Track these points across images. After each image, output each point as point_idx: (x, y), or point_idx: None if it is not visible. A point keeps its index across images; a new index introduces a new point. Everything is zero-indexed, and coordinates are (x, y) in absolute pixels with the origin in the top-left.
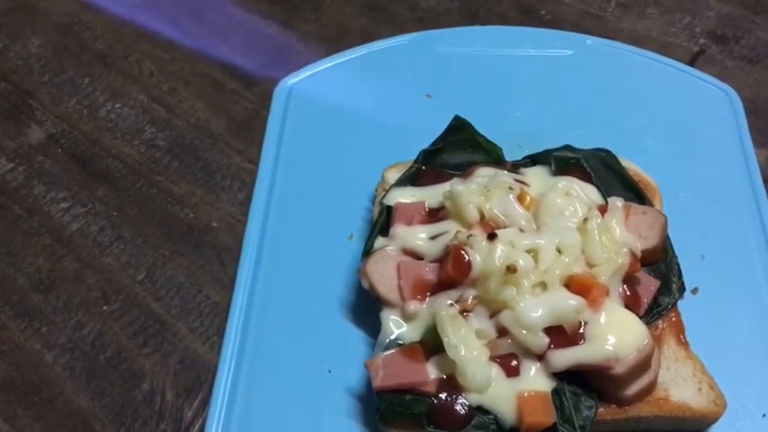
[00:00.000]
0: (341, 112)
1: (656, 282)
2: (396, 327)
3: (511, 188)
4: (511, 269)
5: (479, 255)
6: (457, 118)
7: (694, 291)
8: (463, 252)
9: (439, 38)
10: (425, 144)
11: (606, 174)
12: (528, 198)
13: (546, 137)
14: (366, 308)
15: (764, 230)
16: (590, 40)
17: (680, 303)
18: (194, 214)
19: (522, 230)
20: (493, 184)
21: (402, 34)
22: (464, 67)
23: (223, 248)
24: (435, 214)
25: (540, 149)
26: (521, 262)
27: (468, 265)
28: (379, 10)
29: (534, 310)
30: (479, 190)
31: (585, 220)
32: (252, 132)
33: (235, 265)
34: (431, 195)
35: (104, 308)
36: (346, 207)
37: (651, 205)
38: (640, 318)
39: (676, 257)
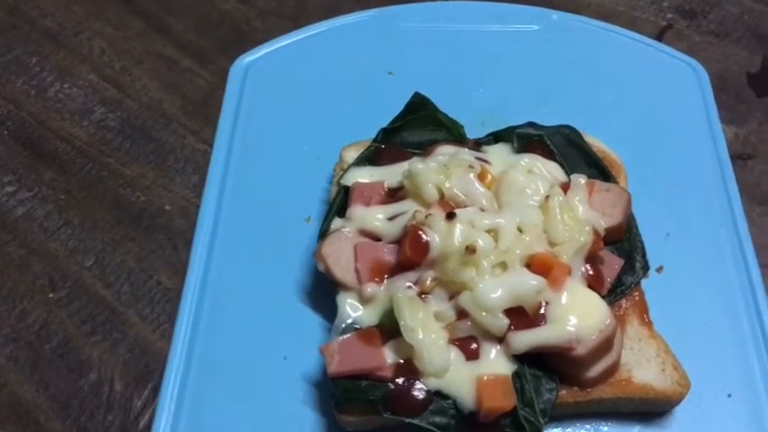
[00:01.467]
0: (299, 91)
1: (620, 260)
2: (352, 310)
3: (471, 166)
4: (470, 249)
5: (438, 235)
6: (417, 95)
7: (659, 269)
8: (421, 233)
9: (402, 14)
10: (386, 122)
11: (570, 151)
12: (489, 176)
13: (509, 114)
14: (323, 292)
15: (731, 208)
16: (555, 15)
17: (644, 282)
18: (146, 197)
19: (482, 210)
20: (453, 163)
21: (364, 9)
22: (427, 44)
23: (176, 232)
24: (394, 194)
25: (502, 126)
26: (480, 242)
27: (427, 246)
28: None
29: (494, 291)
30: (439, 169)
31: (547, 197)
32: (207, 112)
33: (188, 250)
34: (390, 175)
35: (51, 295)
36: (304, 188)
37: (615, 183)
38: (603, 297)
39: (640, 236)
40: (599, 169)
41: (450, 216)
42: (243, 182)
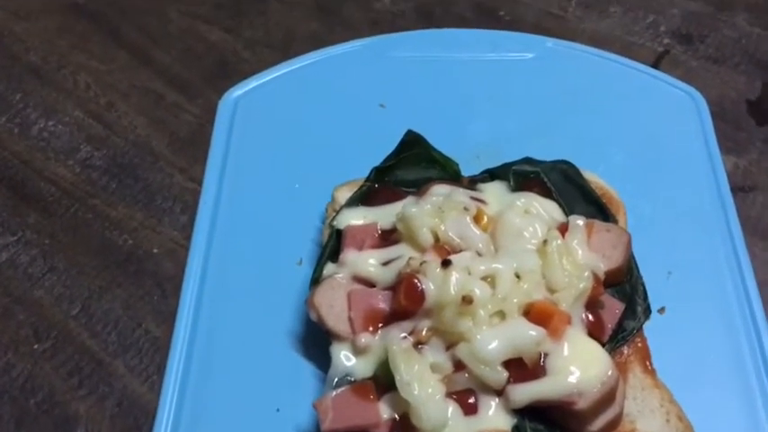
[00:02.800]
0: (290, 126)
1: (621, 305)
2: (346, 361)
3: (466, 208)
4: (467, 300)
5: (433, 283)
6: (410, 133)
7: (661, 310)
8: (416, 281)
9: (393, 42)
10: (378, 159)
11: (568, 188)
12: (485, 218)
13: (505, 147)
14: (317, 340)
15: (733, 244)
16: (550, 43)
17: (646, 325)
18: (133, 240)
19: (479, 254)
20: (447, 205)
21: (355, 39)
22: (420, 74)
23: (164, 277)
24: (388, 237)
25: (498, 161)
26: (477, 291)
27: (422, 295)
28: (331, 13)
29: (492, 342)
30: (433, 211)
31: (545, 242)
32: (195, 149)
33: (177, 295)
34: (383, 216)
35: (35, 346)
36: (295, 229)
37: (615, 221)
38: (604, 345)
39: (641, 277)
40: (598, 207)
41: (446, 264)
42: (233, 222)
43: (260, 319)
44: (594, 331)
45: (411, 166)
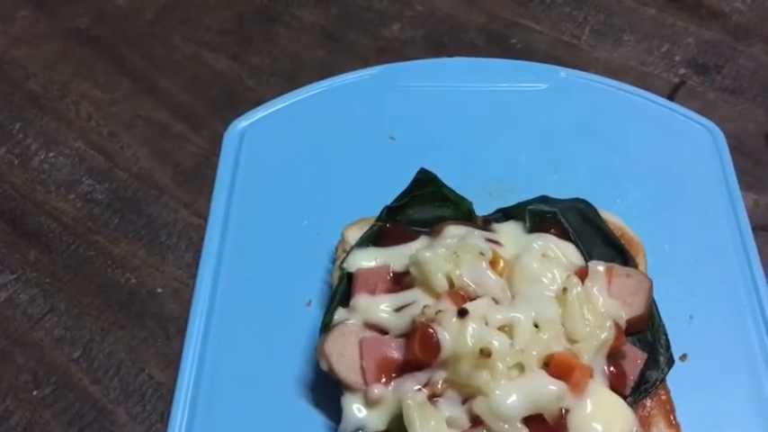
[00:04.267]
0: (297, 159)
1: (643, 354)
2: (358, 413)
3: (482, 253)
4: (485, 353)
5: (449, 334)
6: (422, 171)
7: (683, 357)
8: (431, 331)
9: (403, 72)
10: (388, 195)
11: (585, 229)
12: (501, 262)
13: (518, 183)
14: (327, 388)
15: (755, 286)
16: (564, 73)
17: (668, 374)
18: (136, 279)
19: (495, 300)
20: (462, 249)
21: (363, 67)
22: (430, 104)
23: (169, 318)
24: (401, 280)
25: (512, 198)
26: (495, 343)
27: (437, 346)
28: (338, 40)
29: (511, 397)
30: (448, 256)
31: (564, 290)
32: (200, 182)
33: (181, 338)
34: (396, 257)
35: (35, 393)
36: (304, 268)
37: (635, 264)
38: (626, 398)
39: (663, 325)
40: (617, 249)
41: (463, 313)
42: (239, 261)
43: (267, 364)
44: (616, 384)
45: (423, 205)
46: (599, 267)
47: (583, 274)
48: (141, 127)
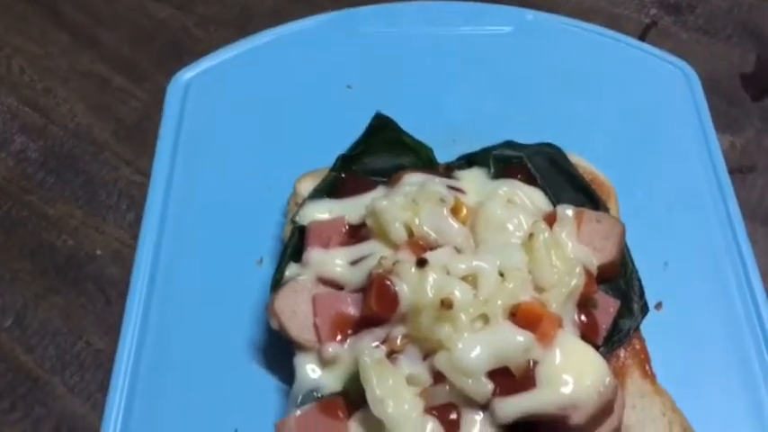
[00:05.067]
0: (246, 111)
1: (616, 302)
2: (312, 374)
3: (443, 200)
4: (446, 304)
5: (408, 286)
6: (378, 116)
7: (658, 306)
8: (388, 283)
9: (360, 17)
10: (345, 146)
11: (554, 174)
12: (464, 209)
13: (483, 130)
14: (279, 350)
15: (733, 230)
16: (530, 15)
17: (642, 324)
18: (74, 241)
19: (457, 250)
20: (422, 196)
21: (317, 13)
22: (389, 51)
23: (109, 282)
24: (357, 232)
25: (476, 145)
26: (457, 293)
27: (395, 299)
28: None
29: (475, 350)
30: (406, 204)
31: (531, 235)
32: (143, 138)
33: (123, 302)
34: (351, 209)
35: None
36: (254, 225)
37: (606, 209)
38: (599, 348)
39: (637, 271)
40: (587, 194)
41: (422, 263)
42: (184, 219)
43: (216, 327)
44: (588, 333)
45: (381, 153)
46: (567, 212)
47: (551, 220)
48: (79, 81)
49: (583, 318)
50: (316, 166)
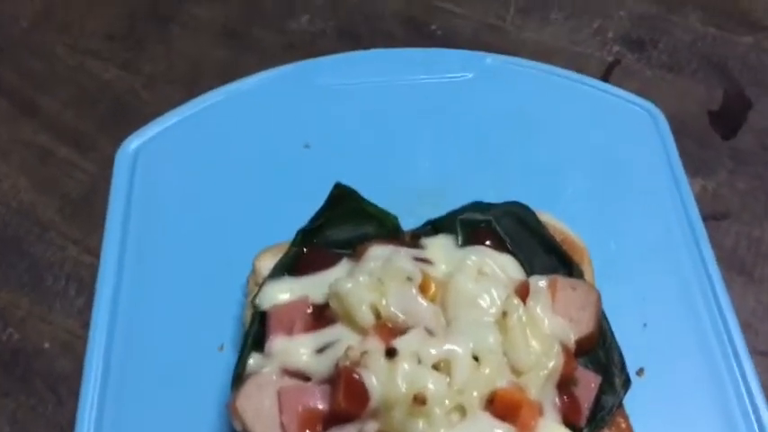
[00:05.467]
0: (200, 179)
1: (597, 378)
2: None
3: (410, 278)
4: (419, 399)
5: (377, 379)
6: (338, 186)
7: (639, 372)
8: (356, 377)
9: (315, 69)
10: (306, 213)
11: (524, 236)
12: (432, 286)
13: (448, 185)
14: None
15: (711, 282)
16: (490, 59)
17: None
18: (20, 334)
19: (428, 330)
20: (387, 275)
21: (270, 66)
22: (347, 104)
23: (59, 378)
24: (322, 313)
25: (442, 204)
26: (430, 386)
27: (365, 394)
28: (241, 36)
29: None
30: (372, 284)
31: (505, 314)
32: (90, 214)
33: (75, 401)
34: (314, 287)
35: None
36: (214, 307)
37: (580, 272)
38: (581, 431)
39: (616, 341)
40: (559, 257)
41: (391, 354)
42: (139, 303)
43: (177, 424)
44: (570, 415)
45: (343, 224)
46: (541, 283)
47: (524, 291)
48: (20, 153)
49: (564, 398)
50: (275, 238)
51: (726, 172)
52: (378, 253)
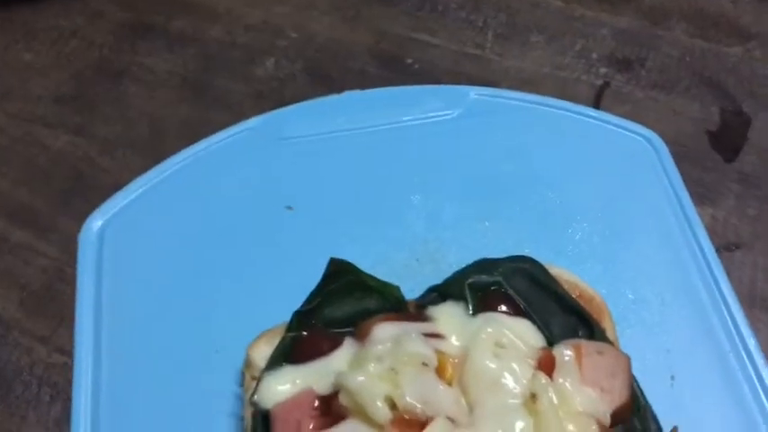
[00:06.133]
0: (174, 257)
1: None
2: None
3: (425, 363)
4: None
5: None
6: (334, 262)
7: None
8: None
9: (287, 119)
10: (298, 287)
11: (538, 296)
12: (449, 367)
13: (446, 239)
14: None
15: (734, 322)
16: (473, 93)
17: None
18: None
19: (450, 419)
20: (400, 361)
21: (238, 120)
22: (327, 155)
23: None
24: (330, 405)
25: (442, 262)
26: None
27: None
28: (203, 89)
29: None
30: (384, 374)
31: (533, 396)
32: (56, 306)
33: None
34: (319, 375)
35: None
36: (206, 401)
37: (601, 332)
38: None
39: (649, 404)
40: (578, 316)
41: None
42: (122, 405)
43: None
44: None
45: (341, 301)
46: (566, 354)
47: (548, 362)
48: None
49: None
50: (266, 318)
51: (733, 197)
52: (384, 333)
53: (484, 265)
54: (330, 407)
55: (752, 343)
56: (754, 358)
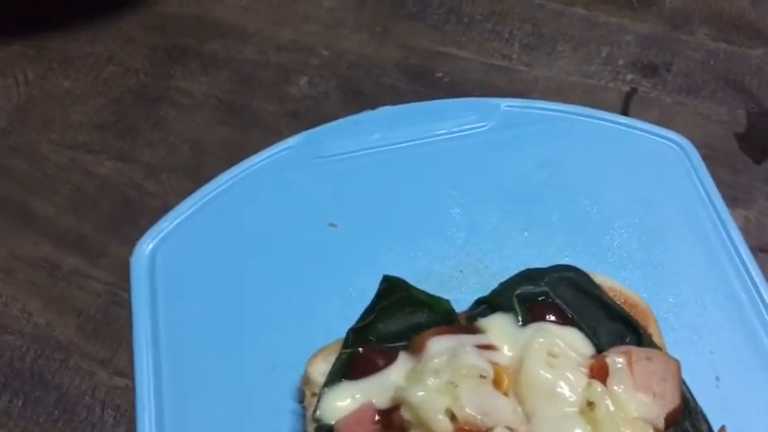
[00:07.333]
0: (227, 277)
1: None
2: None
3: (483, 376)
4: None
5: None
6: (386, 279)
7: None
8: None
9: (324, 137)
10: (348, 300)
11: (584, 304)
12: (505, 378)
13: (487, 250)
14: None
15: None
16: (504, 104)
17: None
18: None
19: (510, 429)
20: (458, 374)
21: (276, 139)
22: (364, 171)
23: None
24: (390, 419)
25: (485, 273)
26: None
27: None
28: (240, 110)
29: None
30: (443, 387)
31: (591, 404)
32: (113, 329)
33: None
34: (378, 389)
35: None
36: (266, 417)
37: (648, 337)
38: None
39: (699, 406)
40: (625, 322)
41: None
42: (185, 424)
43: None
44: None
45: (394, 316)
46: (619, 360)
47: (601, 370)
48: (23, 271)
49: None
50: (320, 334)
51: (764, 198)
52: (439, 346)
53: (529, 276)
54: (390, 420)
55: None
56: None
